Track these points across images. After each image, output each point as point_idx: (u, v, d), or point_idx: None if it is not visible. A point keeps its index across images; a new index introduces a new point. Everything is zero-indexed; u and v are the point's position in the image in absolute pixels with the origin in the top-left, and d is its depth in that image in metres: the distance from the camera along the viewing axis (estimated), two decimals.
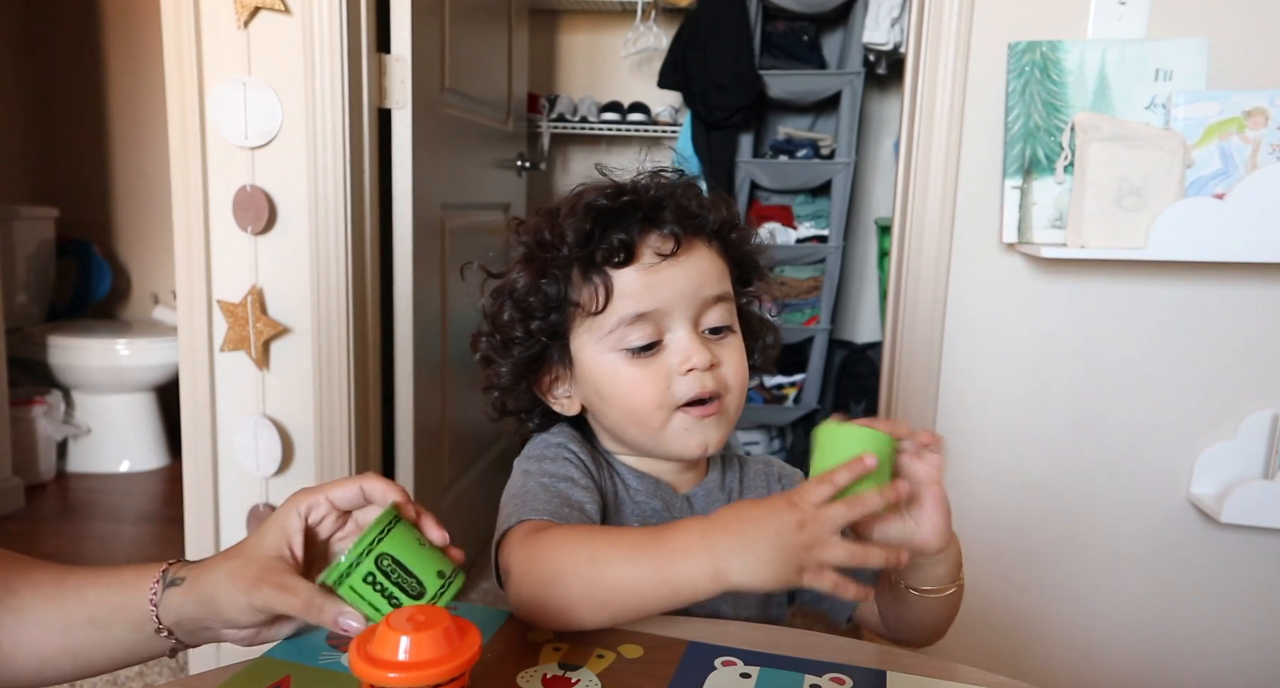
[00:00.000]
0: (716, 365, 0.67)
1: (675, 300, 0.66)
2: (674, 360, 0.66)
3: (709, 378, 0.67)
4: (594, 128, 2.81)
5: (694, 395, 0.67)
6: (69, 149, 3.11)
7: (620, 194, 0.67)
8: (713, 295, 0.68)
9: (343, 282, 1.48)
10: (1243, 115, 1.19)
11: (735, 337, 0.70)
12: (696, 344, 0.66)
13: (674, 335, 0.67)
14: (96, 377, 2.68)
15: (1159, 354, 1.32)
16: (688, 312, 0.67)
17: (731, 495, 0.76)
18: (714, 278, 0.68)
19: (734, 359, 0.69)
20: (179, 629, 0.57)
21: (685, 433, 0.68)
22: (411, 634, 0.44)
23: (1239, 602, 1.36)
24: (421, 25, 1.62)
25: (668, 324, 0.67)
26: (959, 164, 1.32)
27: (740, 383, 0.69)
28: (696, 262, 0.67)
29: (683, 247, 0.66)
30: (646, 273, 0.66)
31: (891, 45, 2.36)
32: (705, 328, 0.68)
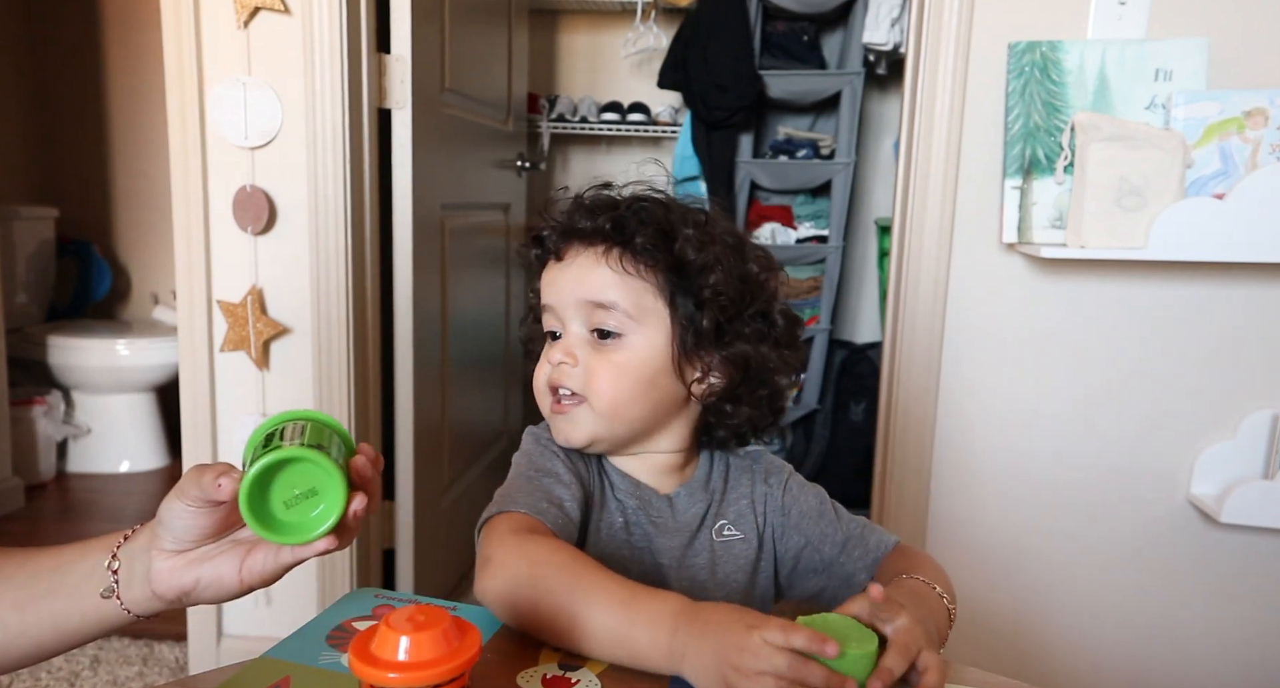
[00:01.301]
0: (570, 364, 0.72)
1: (560, 301, 0.73)
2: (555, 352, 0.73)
3: (560, 372, 0.72)
4: (594, 128, 2.81)
5: (548, 384, 0.73)
6: (69, 149, 3.11)
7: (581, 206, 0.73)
8: (592, 300, 0.71)
9: (343, 282, 1.48)
10: (1243, 115, 1.19)
11: (621, 350, 0.71)
12: (567, 342, 0.72)
13: (566, 331, 0.73)
14: (96, 377, 2.68)
15: (1159, 354, 1.32)
16: (577, 312, 0.72)
17: (714, 496, 0.77)
18: (597, 285, 0.71)
19: (600, 368, 0.71)
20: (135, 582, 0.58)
21: (552, 421, 0.74)
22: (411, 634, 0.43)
23: (1239, 602, 1.36)
24: (421, 25, 1.62)
25: (565, 318, 0.73)
26: (959, 164, 1.32)
27: (603, 391, 0.70)
28: (577, 269, 0.72)
29: (566, 253, 0.73)
30: (545, 274, 0.75)
31: (891, 45, 2.36)
32: (593, 329, 0.72)
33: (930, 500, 1.40)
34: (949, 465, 1.40)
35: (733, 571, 0.75)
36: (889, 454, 1.42)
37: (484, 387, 2.28)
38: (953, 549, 1.41)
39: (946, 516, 1.41)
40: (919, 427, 1.39)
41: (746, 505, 0.78)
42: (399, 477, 1.71)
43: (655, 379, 0.72)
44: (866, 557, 0.75)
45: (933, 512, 1.41)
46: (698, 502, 0.76)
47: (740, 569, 0.76)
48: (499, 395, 2.42)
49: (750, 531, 0.77)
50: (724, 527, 0.76)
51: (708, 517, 0.76)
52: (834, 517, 0.77)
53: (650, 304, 0.71)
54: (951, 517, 1.41)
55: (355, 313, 1.51)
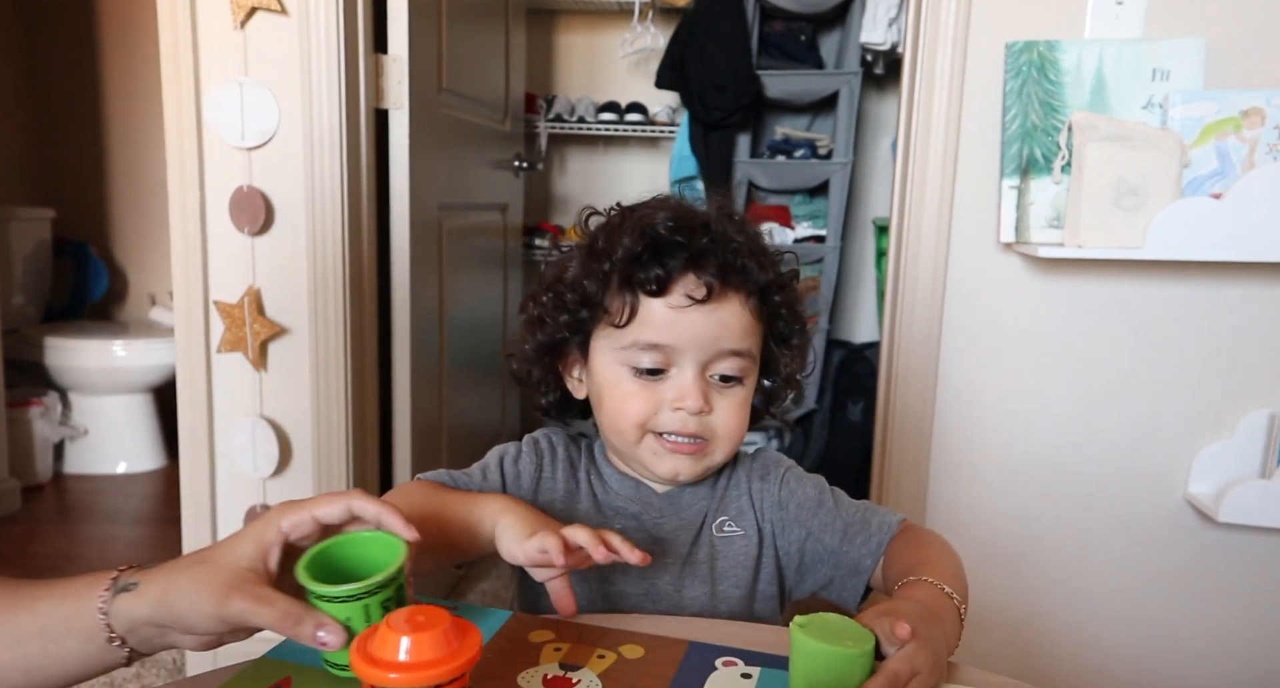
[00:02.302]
0: (707, 412, 0.70)
1: (691, 342, 0.69)
2: (670, 393, 0.70)
3: (693, 421, 0.70)
4: (592, 128, 2.81)
5: (673, 430, 0.71)
6: (65, 150, 3.10)
7: (681, 227, 0.69)
8: (729, 349, 0.70)
9: (340, 282, 1.48)
10: (1240, 115, 1.19)
11: (742, 390, 0.72)
12: (695, 388, 0.69)
13: (680, 371, 0.70)
14: (93, 378, 2.68)
15: (1156, 354, 1.33)
16: (700, 355, 0.70)
17: (714, 491, 0.78)
18: (737, 333, 0.70)
19: (730, 411, 0.71)
20: (133, 637, 0.55)
21: (654, 456, 0.72)
22: (412, 635, 0.43)
23: (1236, 601, 1.36)
24: (418, 25, 1.62)
25: (678, 359, 0.70)
26: (956, 164, 1.32)
27: (731, 434, 0.72)
28: (724, 314, 0.69)
29: (714, 296, 0.68)
30: (673, 310, 0.69)
31: (889, 45, 2.36)
32: (714, 374, 0.71)
33: (928, 500, 1.41)
34: (947, 465, 1.40)
35: (732, 566, 0.75)
36: (887, 454, 1.42)
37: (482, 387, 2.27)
38: None
39: (944, 515, 1.41)
40: (917, 426, 1.39)
41: (746, 502, 0.78)
42: (396, 478, 1.71)
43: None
44: (870, 541, 0.74)
45: (931, 511, 1.41)
46: (701, 498, 0.77)
47: (740, 566, 0.76)
48: (496, 396, 2.41)
49: (750, 528, 0.77)
50: (724, 523, 0.76)
51: (709, 513, 0.76)
52: (833, 505, 0.77)
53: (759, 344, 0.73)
54: (950, 516, 1.41)
55: (353, 313, 1.51)
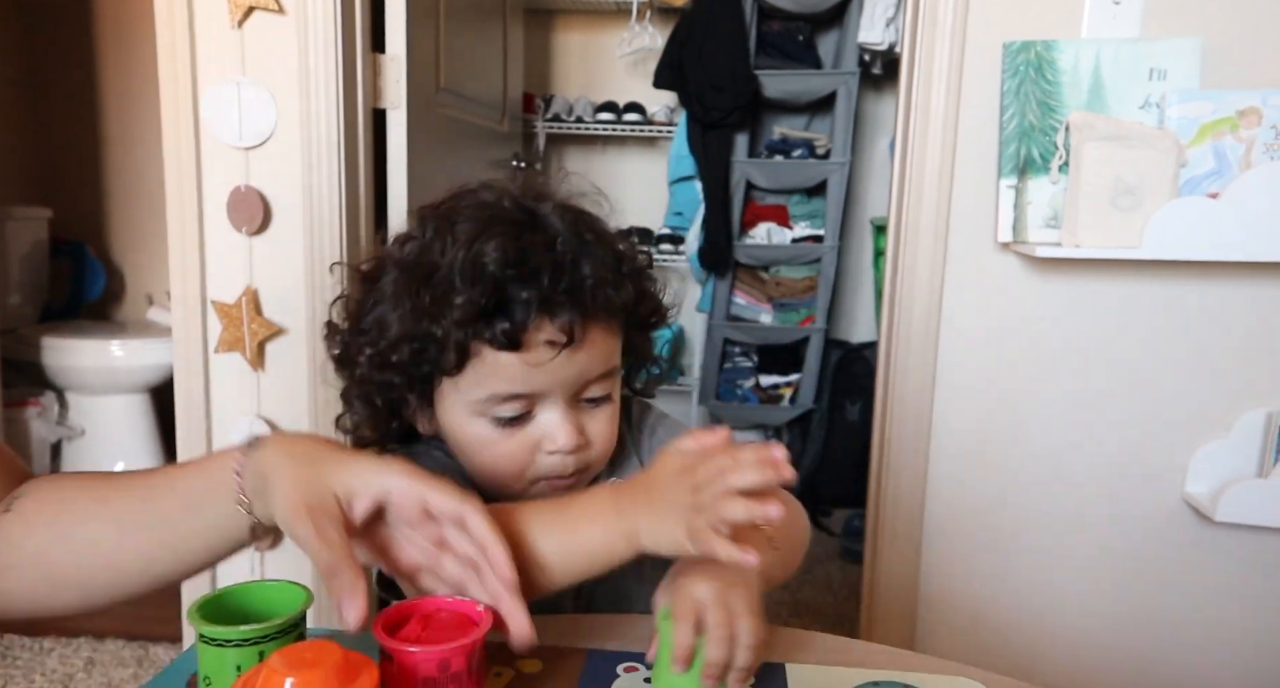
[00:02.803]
0: (584, 446, 0.65)
1: (555, 385, 0.63)
2: (538, 433, 0.64)
3: (571, 460, 0.65)
4: (589, 128, 2.81)
5: (555, 473, 0.65)
6: (62, 149, 3.09)
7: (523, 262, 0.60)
8: (598, 374, 0.64)
9: (338, 283, 1.48)
10: (1236, 115, 1.19)
11: (611, 402, 0.67)
12: (566, 425, 0.63)
13: (546, 412, 0.64)
14: (91, 378, 2.67)
15: (1153, 353, 1.33)
16: (566, 392, 0.64)
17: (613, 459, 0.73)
18: (603, 357, 0.64)
19: (604, 431, 0.67)
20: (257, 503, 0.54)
21: (539, 495, 0.66)
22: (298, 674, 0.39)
23: (1233, 600, 1.36)
24: (416, 25, 1.62)
25: (541, 400, 0.64)
26: (954, 164, 1.32)
27: (606, 450, 0.68)
28: (587, 351, 0.62)
29: (575, 340, 0.61)
30: (529, 362, 0.61)
31: (886, 45, 2.36)
32: (584, 398, 0.65)
33: (927, 499, 1.41)
34: (944, 464, 1.40)
35: None
36: (885, 453, 1.42)
37: None
38: (949, 547, 1.41)
39: (943, 514, 1.41)
40: (915, 426, 1.39)
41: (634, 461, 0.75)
42: None
43: None
44: None
45: (929, 510, 1.41)
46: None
47: None
48: None
49: None
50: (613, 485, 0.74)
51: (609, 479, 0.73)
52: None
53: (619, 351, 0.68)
54: (948, 515, 1.41)
55: None
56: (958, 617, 1.43)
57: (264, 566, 1.56)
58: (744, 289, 2.65)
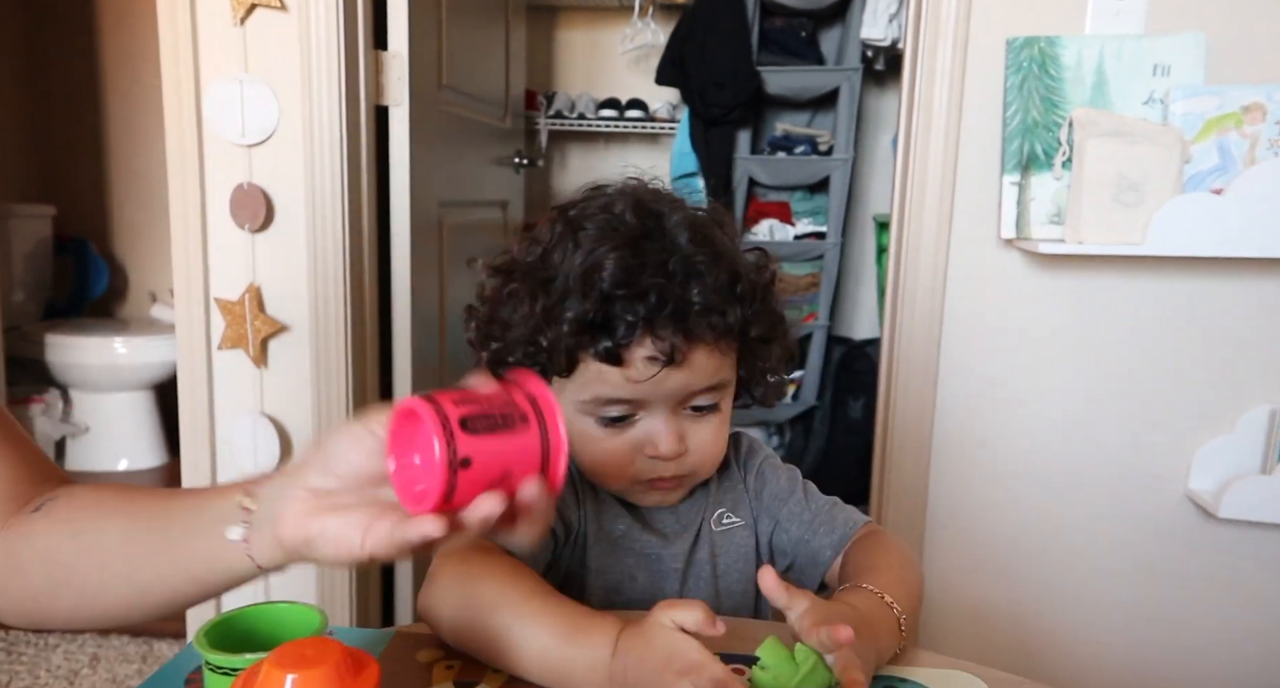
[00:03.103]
0: (683, 453, 0.66)
1: (658, 396, 0.65)
2: (643, 439, 0.66)
3: (672, 466, 0.67)
4: (592, 124, 2.80)
5: (654, 476, 0.68)
6: (66, 147, 3.10)
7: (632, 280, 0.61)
8: (702, 388, 0.66)
9: (341, 279, 1.48)
10: (1240, 110, 1.19)
11: (718, 414, 0.69)
12: (668, 432, 0.65)
13: (649, 417, 0.66)
14: (94, 375, 2.68)
15: (1157, 349, 1.32)
16: (671, 401, 0.66)
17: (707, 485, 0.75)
18: (709, 372, 0.65)
19: (708, 440, 0.68)
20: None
21: (643, 495, 0.71)
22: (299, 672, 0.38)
23: (1236, 596, 1.36)
24: (418, 22, 1.62)
25: (646, 406, 0.66)
26: (957, 160, 1.32)
27: (711, 459, 0.70)
28: (689, 369, 0.63)
29: (676, 359, 0.62)
30: (629, 377, 0.63)
31: (889, 41, 2.36)
32: (690, 407, 0.67)
33: (929, 496, 1.41)
34: (947, 461, 1.40)
35: (734, 560, 0.74)
36: (888, 450, 1.42)
37: None
38: (951, 544, 1.41)
39: (945, 511, 1.41)
40: (917, 422, 1.39)
41: (741, 490, 0.77)
42: None
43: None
44: (833, 534, 0.73)
45: (931, 507, 1.41)
46: (695, 499, 0.75)
47: (742, 558, 0.75)
48: None
49: (747, 515, 0.76)
50: (723, 515, 0.75)
51: (706, 509, 0.75)
52: (803, 497, 0.76)
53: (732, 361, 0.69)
54: (950, 512, 1.41)
55: (353, 310, 1.51)
56: (960, 613, 1.43)
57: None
58: None
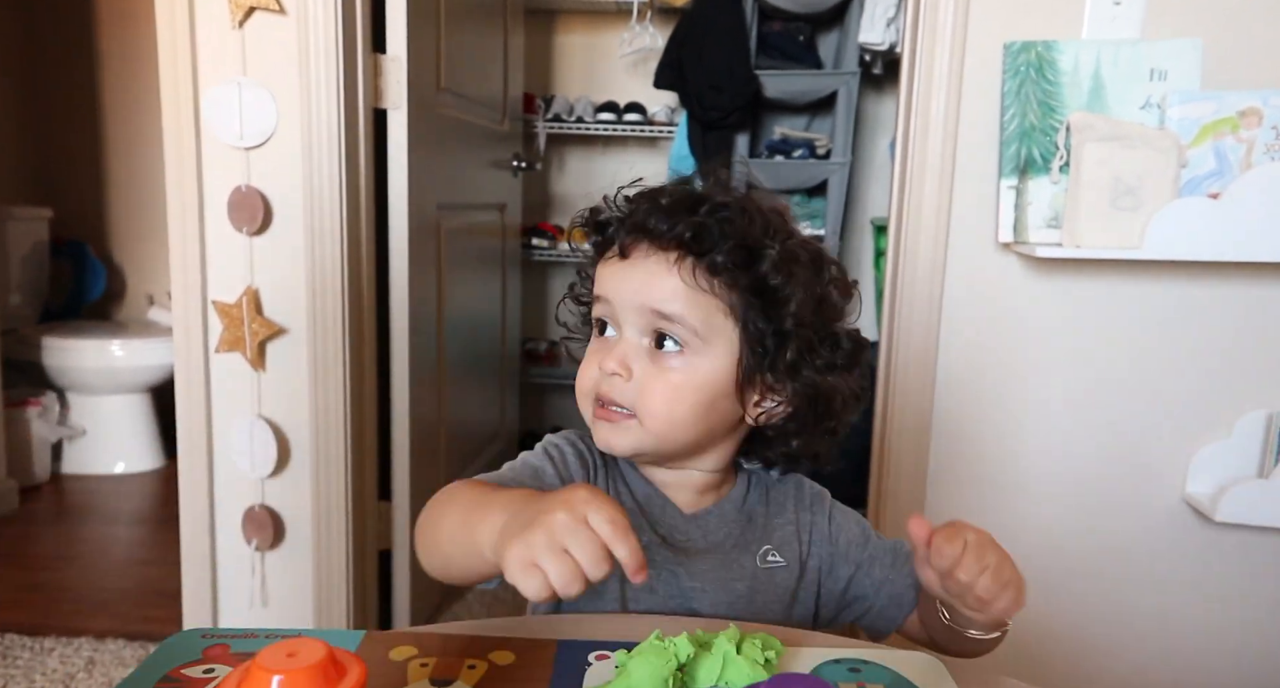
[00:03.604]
0: (623, 377, 0.66)
1: (620, 298, 0.67)
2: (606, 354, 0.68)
3: (611, 385, 0.67)
4: (590, 128, 2.81)
5: (597, 393, 0.68)
6: (63, 149, 3.10)
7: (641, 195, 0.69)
8: (655, 309, 0.65)
9: (338, 282, 1.48)
10: (1237, 115, 1.19)
11: (678, 369, 0.66)
12: (621, 349, 0.67)
13: (620, 333, 0.68)
14: (91, 378, 2.67)
15: (1154, 354, 1.33)
16: (636, 318, 0.67)
17: (752, 518, 0.74)
18: (662, 292, 0.65)
19: (657, 388, 0.66)
20: None
21: (594, 425, 0.69)
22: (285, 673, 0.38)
23: (1234, 600, 1.36)
24: (417, 25, 1.62)
25: (620, 318, 0.68)
26: (954, 164, 1.32)
27: (654, 413, 0.66)
28: (644, 272, 0.66)
29: (631, 253, 0.67)
30: (604, 266, 0.69)
31: (887, 45, 2.36)
32: (654, 339, 0.67)
33: (926, 499, 1.41)
34: (945, 465, 1.40)
35: (771, 600, 0.72)
36: (885, 454, 1.42)
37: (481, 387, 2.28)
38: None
39: (943, 514, 1.40)
40: (915, 426, 1.39)
41: (792, 532, 0.75)
42: (395, 478, 1.71)
43: (714, 402, 0.67)
44: (909, 568, 0.73)
45: (929, 511, 1.41)
46: (729, 523, 0.73)
47: (779, 599, 0.73)
48: (496, 395, 2.41)
49: (793, 558, 0.74)
50: (769, 553, 0.73)
51: (748, 541, 0.73)
52: (877, 538, 0.76)
53: (720, 324, 0.66)
54: (948, 515, 1.39)
55: (351, 313, 1.51)
56: None
57: (264, 565, 1.56)
58: None
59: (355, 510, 1.54)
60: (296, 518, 1.55)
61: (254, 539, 1.54)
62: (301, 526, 1.55)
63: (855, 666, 0.57)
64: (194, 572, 1.57)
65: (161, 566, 2.05)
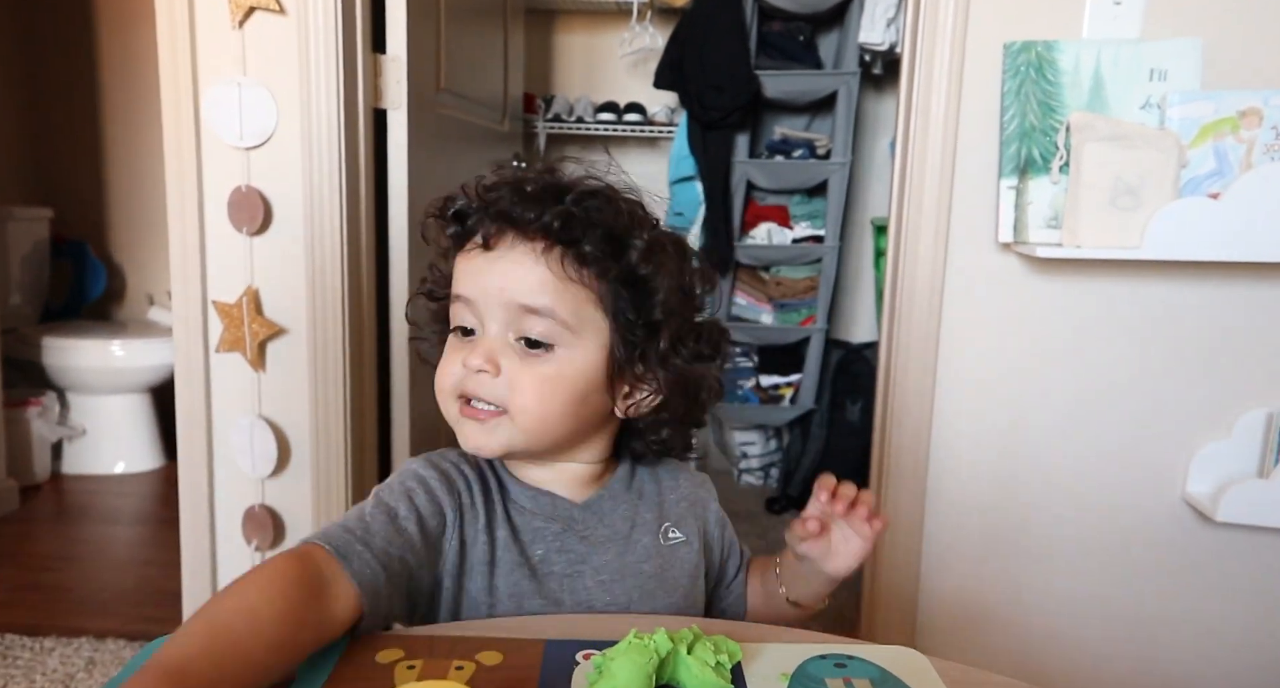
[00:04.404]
0: (490, 373, 0.64)
1: (483, 297, 0.65)
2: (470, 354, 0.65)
3: (472, 380, 0.65)
4: (590, 128, 2.81)
5: (462, 392, 0.66)
6: (63, 149, 3.10)
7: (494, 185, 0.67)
8: (521, 304, 0.63)
9: (338, 282, 1.48)
10: (1237, 115, 1.19)
11: (548, 362, 0.64)
12: (486, 346, 0.64)
13: (484, 331, 0.65)
14: (91, 378, 2.68)
15: (1154, 353, 1.33)
16: (501, 314, 0.64)
17: (644, 495, 0.74)
18: (528, 286, 0.63)
19: (528, 384, 0.64)
20: None
21: (459, 427, 0.67)
22: None
23: (1234, 600, 1.36)
24: (417, 25, 1.62)
25: (484, 317, 0.65)
26: (954, 164, 1.32)
27: (526, 408, 0.64)
28: (509, 264, 0.64)
29: (494, 243, 0.64)
30: (464, 259, 0.67)
31: (887, 45, 2.36)
32: (519, 336, 0.64)
33: (927, 499, 1.41)
34: (945, 464, 1.40)
35: (679, 575, 0.72)
36: (885, 453, 1.42)
37: None
38: (949, 547, 1.41)
39: (943, 514, 1.41)
40: (915, 426, 1.39)
41: (687, 507, 0.75)
42: None
43: (587, 396, 0.66)
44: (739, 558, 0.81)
45: (929, 510, 1.41)
46: (621, 505, 0.73)
47: (686, 574, 0.73)
48: None
49: (692, 534, 0.75)
50: (669, 529, 0.73)
51: (646, 521, 0.73)
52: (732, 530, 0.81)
53: (589, 315, 0.64)
54: (948, 515, 1.41)
55: (351, 313, 1.51)
56: (958, 617, 1.43)
57: None
58: (745, 289, 2.65)
59: None
60: (296, 518, 1.55)
61: (254, 539, 1.54)
62: (301, 526, 1.55)
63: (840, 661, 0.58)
64: (194, 572, 1.57)
65: (161, 566, 2.05)
